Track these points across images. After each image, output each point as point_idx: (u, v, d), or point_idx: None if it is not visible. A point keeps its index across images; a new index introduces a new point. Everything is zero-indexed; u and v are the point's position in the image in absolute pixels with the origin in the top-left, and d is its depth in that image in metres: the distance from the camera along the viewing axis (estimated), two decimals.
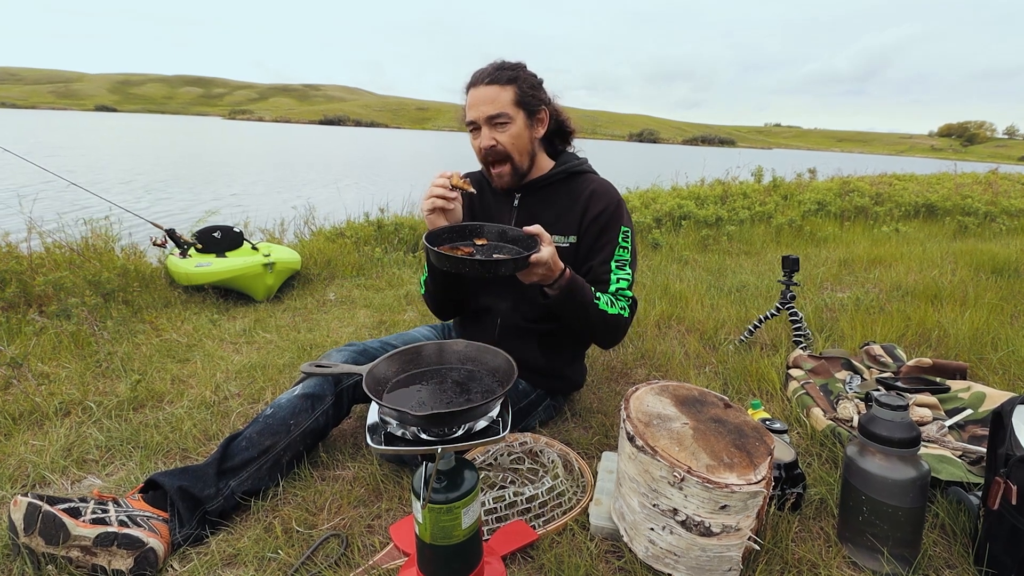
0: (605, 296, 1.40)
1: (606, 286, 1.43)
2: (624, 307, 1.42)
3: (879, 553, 1.07)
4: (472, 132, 1.44)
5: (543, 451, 1.44)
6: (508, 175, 1.45)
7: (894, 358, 2.04)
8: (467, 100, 1.42)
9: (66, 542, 1.01)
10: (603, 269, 1.44)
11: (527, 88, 1.41)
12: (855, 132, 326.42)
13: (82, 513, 1.05)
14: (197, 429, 1.61)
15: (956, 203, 6.14)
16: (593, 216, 1.45)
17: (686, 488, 0.98)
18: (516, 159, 1.43)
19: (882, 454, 1.08)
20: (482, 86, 1.39)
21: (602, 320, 1.37)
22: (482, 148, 1.41)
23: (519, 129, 1.41)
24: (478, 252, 1.26)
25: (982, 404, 1.62)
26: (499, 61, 1.43)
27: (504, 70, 1.40)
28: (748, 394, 1.88)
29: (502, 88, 1.38)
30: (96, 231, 3.54)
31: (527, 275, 1.24)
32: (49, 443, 1.52)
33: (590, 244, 1.46)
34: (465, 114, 1.44)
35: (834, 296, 3.01)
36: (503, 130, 1.39)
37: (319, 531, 1.20)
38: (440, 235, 1.29)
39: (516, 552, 1.13)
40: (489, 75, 1.39)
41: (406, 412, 0.83)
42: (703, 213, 5.17)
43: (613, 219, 1.46)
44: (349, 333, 2.52)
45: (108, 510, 1.08)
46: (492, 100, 1.37)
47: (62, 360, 2.08)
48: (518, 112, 1.40)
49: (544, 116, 1.47)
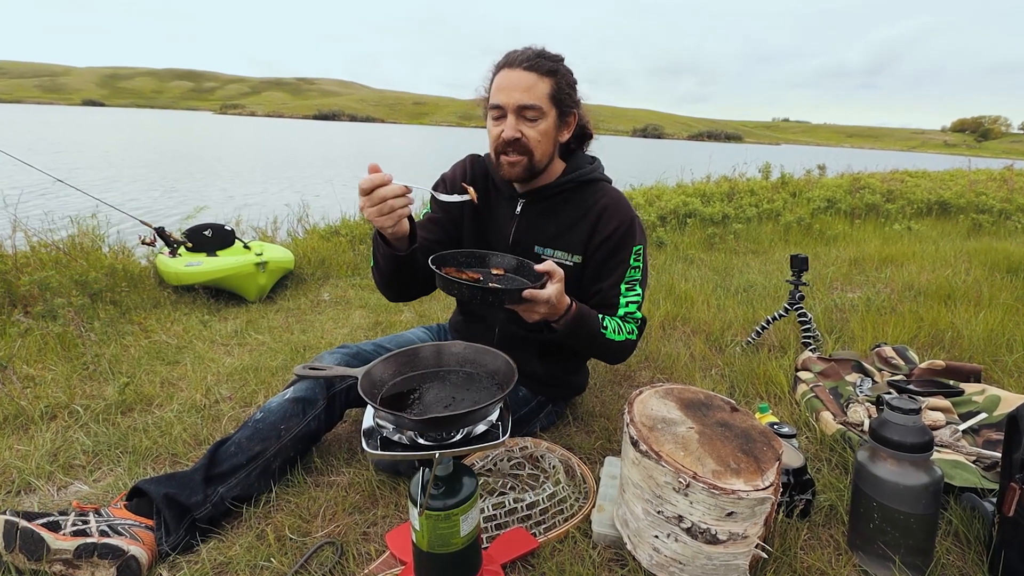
0: (613, 322, 1.38)
1: (615, 310, 1.40)
2: (633, 329, 1.41)
3: (890, 561, 1.07)
4: (494, 117, 1.34)
5: (544, 456, 1.44)
6: (521, 169, 1.36)
7: (906, 360, 2.04)
8: (496, 80, 1.32)
9: (48, 556, 1.02)
10: (612, 293, 1.40)
11: (565, 85, 1.34)
12: (866, 127, 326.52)
13: (62, 526, 1.06)
14: (187, 433, 1.61)
15: (970, 200, 6.14)
16: (603, 237, 1.40)
17: (691, 494, 0.98)
18: (536, 157, 1.35)
19: (894, 459, 1.08)
20: (519, 69, 1.29)
21: (607, 348, 1.37)
22: (504, 138, 1.31)
23: (548, 127, 1.33)
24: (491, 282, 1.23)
25: (997, 408, 1.62)
26: (539, 48, 1.34)
27: (545, 59, 1.31)
28: (755, 397, 1.88)
29: (540, 78, 1.29)
30: (83, 229, 3.54)
31: (529, 312, 1.21)
32: (34, 448, 1.52)
33: (599, 266, 1.42)
34: (489, 95, 1.34)
35: (844, 296, 3.01)
36: (533, 124, 1.31)
37: (313, 539, 1.20)
38: (455, 258, 1.29)
39: (516, 560, 1.12)
40: (529, 60, 1.29)
41: (403, 416, 0.83)
42: (709, 211, 5.17)
43: (625, 239, 1.40)
44: (344, 334, 2.52)
45: (89, 521, 1.09)
46: (528, 88, 1.28)
47: (48, 362, 2.08)
48: (551, 109, 1.32)
49: (573, 120, 1.41)
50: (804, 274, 2.24)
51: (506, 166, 1.36)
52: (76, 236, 3.42)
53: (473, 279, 1.20)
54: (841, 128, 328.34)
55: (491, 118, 1.35)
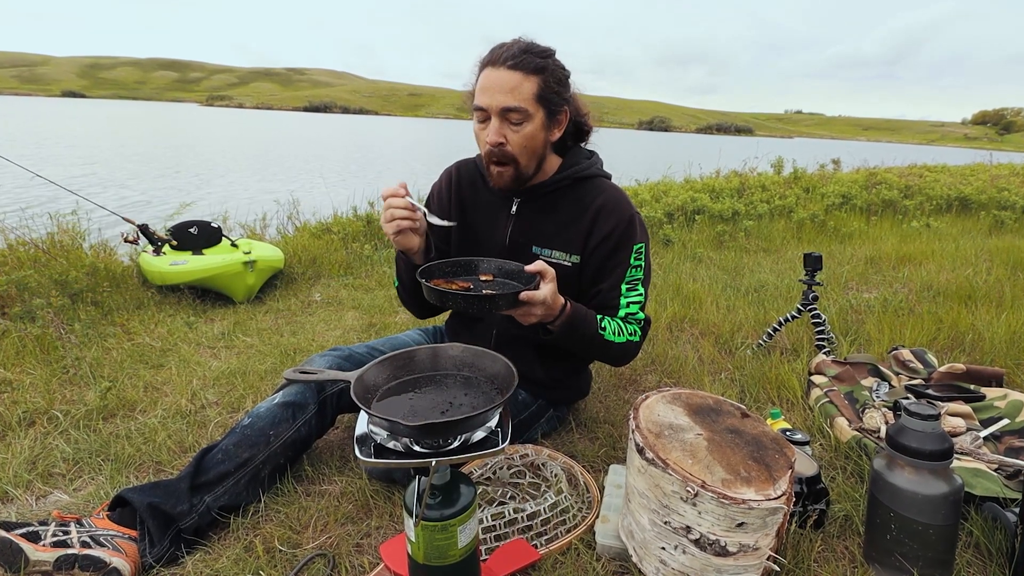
0: (613, 323, 1.39)
1: (615, 311, 1.41)
2: (635, 331, 1.42)
3: (908, 574, 1.07)
4: (478, 120, 1.33)
5: (545, 464, 1.44)
6: (509, 178, 1.36)
7: (924, 364, 2.04)
8: (480, 80, 1.30)
9: (27, 568, 1.03)
10: (612, 294, 1.41)
11: (553, 83, 1.31)
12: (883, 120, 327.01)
13: (42, 537, 1.07)
14: (172, 440, 1.61)
15: (992, 196, 6.14)
16: (602, 237, 1.40)
17: (700, 504, 0.98)
18: (522, 164, 1.34)
19: (912, 467, 1.08)
20: (503, 68, 1.26)
21: (607, 349, 1.39)
22: (488, 142, 1.31)
23: (534, 129, 1.31)
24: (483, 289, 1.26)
25: (1020, 413, 1.62)
26: (526, 42, 1.31)
27: (532, 55, 1.28)
28: (767, 403, 1.88)
29: (525, 77, 1.27)
30: (63, 226, 3.53)
31: (525, 316, 1.23)
32: (12, 455, 1.52)
33: (598, 267, 1.42)
34: (473, 95, 1.33)
35: (860, 297, 3.01)
36: (516, 128, 1.29)
37: (304, 550, 1.20)
38: (440, 269, 1.31)
39: (516, 573, 1.13)
40: (513, 57, 1.26)
41: (397, 422, 0.83)
42: (718, 207, 5.17)
43: (624, 239, 1.41)
44: (336, 336, 2.52)
45: (70, 531, 1.09)
46: (511, 89, 1.26)
47: (26, 366, 2.08)
48: (538, 110, 1.30)
49: (564, 118, 1.38)
50: (818, 273, 2.24)
51: (495, 177, 1.38)
52: (56, 234, 3.42)
53: (464, 288, 1.22)
54: (857, 120, 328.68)
55: (476, 120, 1.34)
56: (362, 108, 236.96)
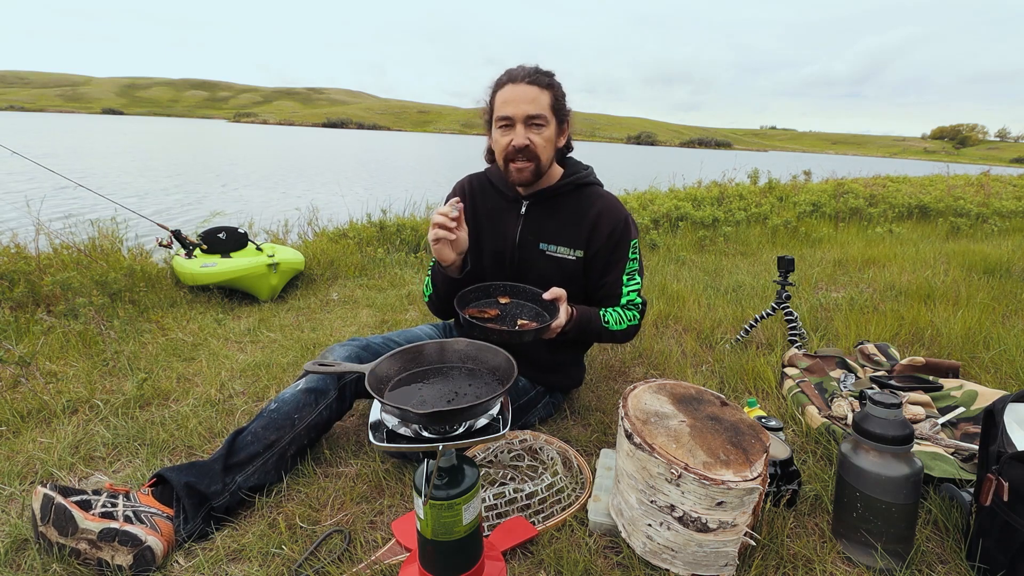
0: (615, 312, 1.49)
1: (618, 299, 1.50)
2: (635, 315, 1.51)
3: (873, 548, 1.07)
4: (502, 128, 1.42)
5: (543, 448, 1.44)
6: (529, 173, 1.44)
7: (888, 357, 2.04)
8: (501, 95, 1.41)
9: (75, 534, 1.03)
10: (615, 285, 1.50)
11: (559, 96, 1.44)
12: (850, 135, 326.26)
13: (92, 506, 1.07)
14: (202, 427, 1.61)
15: (949, 204, 6.13)
16: (604, 236, 1.48)
17: (683, 485, 0.98)
18: (543, 161, 1.44)
19: (876, 451, 1.08)
20: (523, 84, 1.39)
21: (612, 337, 1.49)
22: (515, 145, 1.39)
23: (551, 134, 1.43)
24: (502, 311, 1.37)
25: (974, 402, 1.62)
26: (533, 66, 1.44)
27: (542, 74, 1.41)
28: (744, 392, 1.88)
29: (541, 91, 1.39)
30: (103, 232, 3.54)
31: (546, 334, 1.32)
32: (57, 440, 1.52)
33: (603, 263, 1.50)
34: (491, 110, 1.44)
35: (829, 296, 3.01)
36: (539, 132, 1.40)
37: (322, 527, 1.20)
38: (467, 296, 1.39)
39: (516, 548, 1.13)
40: (529, 75, 1.40)
41: (408, 410, 0.83)
42: (700, 214, 5.17)
43: (623, 237, 1.50)
44: (352, 332, 2.51)
45: (118, 504, 1.09)
46: (533, 100, 1.38)
47: (70, 359, 2.08)
48: (552, 117, 1.42)
49: (567, 128, 1.50)
50: (790, 275, 2.24)
51: (515, 172, 1.45)
52: (96, 238, 3.42)
53: (494, 316, 1.33)
54: (826, 135, 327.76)
55: (498, 128, 1.43)
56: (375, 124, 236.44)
